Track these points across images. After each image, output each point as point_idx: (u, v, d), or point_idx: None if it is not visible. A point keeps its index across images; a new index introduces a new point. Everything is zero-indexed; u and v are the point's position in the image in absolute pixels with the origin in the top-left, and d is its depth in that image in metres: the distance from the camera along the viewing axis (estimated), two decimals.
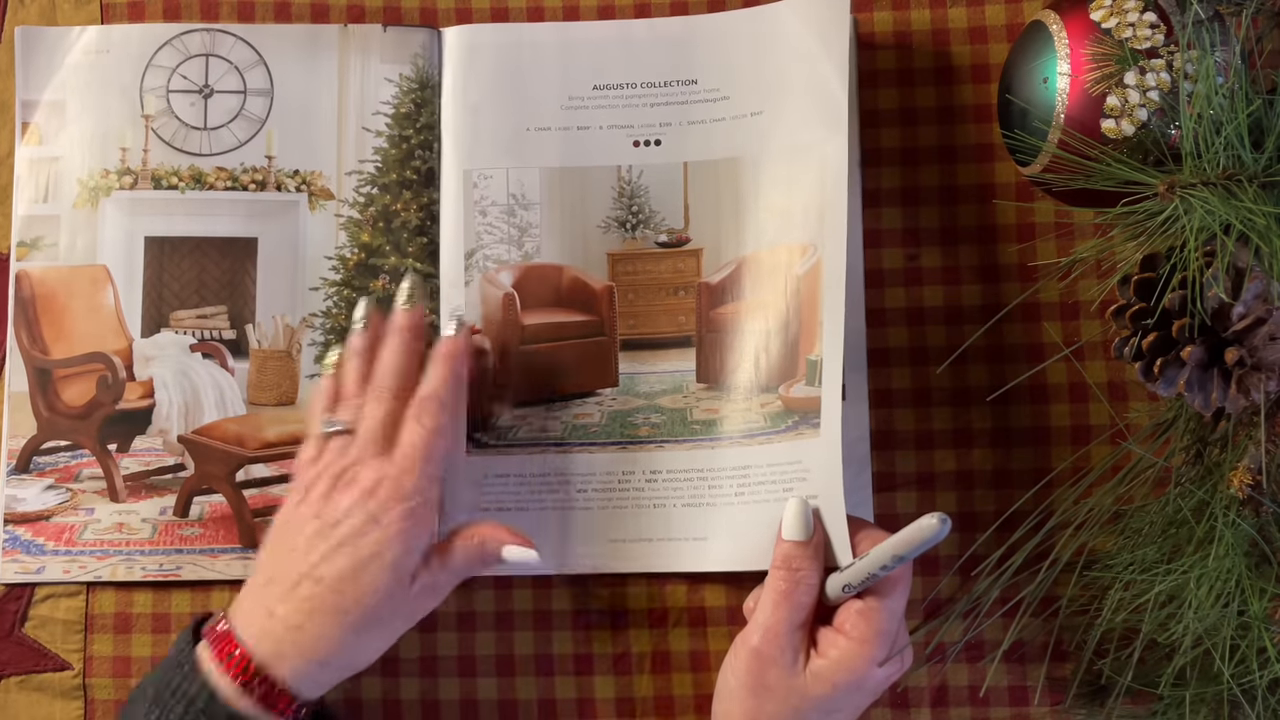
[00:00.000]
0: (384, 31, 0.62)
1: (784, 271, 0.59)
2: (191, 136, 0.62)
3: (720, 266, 0.61)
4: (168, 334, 0.61)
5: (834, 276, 0.56)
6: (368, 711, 0.59)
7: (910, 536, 0.50)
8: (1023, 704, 0.58)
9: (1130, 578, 0.52)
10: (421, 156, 0.62)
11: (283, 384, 0.61)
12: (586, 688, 0.59)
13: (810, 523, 0.53)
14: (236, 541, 0.59)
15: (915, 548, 0.50)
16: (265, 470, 0.60)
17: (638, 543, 0.59)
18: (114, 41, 0.61)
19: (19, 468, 0.60)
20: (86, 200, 0.61)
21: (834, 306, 0.55)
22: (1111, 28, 0.51)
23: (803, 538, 0.53)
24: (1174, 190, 0.47)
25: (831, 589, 0.53)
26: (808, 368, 0.57)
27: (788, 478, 0.56)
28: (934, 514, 0.49)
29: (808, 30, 0.59)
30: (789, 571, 0.53)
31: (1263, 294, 0.47)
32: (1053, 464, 0.59)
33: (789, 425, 0.57)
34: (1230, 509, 0.49)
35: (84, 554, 0.59)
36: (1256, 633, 0.49)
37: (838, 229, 0.56)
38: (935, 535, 0.49)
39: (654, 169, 0.61)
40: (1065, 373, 0.59)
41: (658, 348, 0.61)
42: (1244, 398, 0.48)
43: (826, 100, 0.57)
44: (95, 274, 0.61)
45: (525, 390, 0.61)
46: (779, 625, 0.52)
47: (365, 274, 0.61)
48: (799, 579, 0.52)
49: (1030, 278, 0.60)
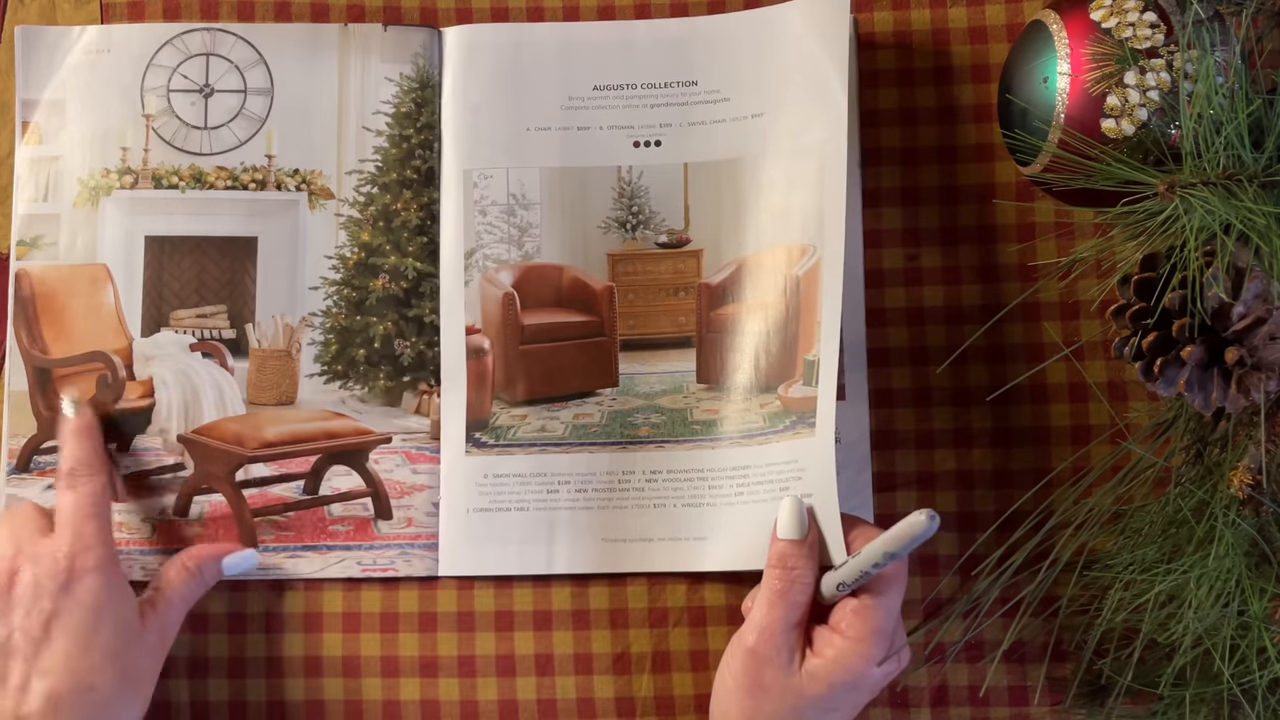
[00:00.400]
0: (384, 31, 0.62)
1: (783, 272, 0.59)
2: (192, 136, 0.62)
3: (720, 267, 0.61)
4: (168, 333, 0.61)
5: (833, 277, 0.56)
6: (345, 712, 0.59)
7: (901, 533, 0.50)
8: (1023, 704, 0.58)
9: (1130, 578, 0.52)
10: (421, 156, 0.62)
11: (282, 383, 0.61)
12: (586, 688, 0.59)
13: (805, 521, 0.53)
14: (236, 541, 0.59)
15: (906, 544, 0.50)
16: (265, 470, 0.60)
17: (638, 543, 0.59)
18: (114, 41, 0.61)
19: (19, 467, 0.60)
20: (87, 199, 0.61)
21: (832, 307, 0.55)
22: (1111, 27, 0.51)
23: (797, 536, 0.53)
24: (1174, 190, 0.47)
25: (826, 588, 0.53)
26: (805, 368, 0.57)
27: (784, 477, 0.56)
28: (923, 510, 0.49)
29: (808, 31, 0.59)
30: (784, 570, 0.53)
31: (1263, 294, 0.47)
32: (1053, 464, 0.59)
33: (786, 425, 0.57)
34: (1230, 509, 0.49)
35: None
36: (1256, 633, 0.49)
37: (837, 230, 0.56)
38: (925, 532, 0.49)
39: (654, 169, 0.61)
40: (1065, 373, 0.59)
41: (658, 348, 0.61)
42: (1244, 398, 0.48)
43: (826, 101, 0.58)
44: (95, 273, 0.61)
45: (525, 390, 0.61)
46: (775, 624, 0.52)
47: (365, 273, 0.61)
48: (794, 578, 0.52)
49: (1030, 278, 0.60)
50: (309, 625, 0.59)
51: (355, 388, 0.61)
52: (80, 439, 0.56)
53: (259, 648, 0.59)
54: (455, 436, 0.60)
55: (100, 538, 0.53)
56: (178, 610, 0.55)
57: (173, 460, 0.60)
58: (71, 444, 0.56)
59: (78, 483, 0.54)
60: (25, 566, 0.52)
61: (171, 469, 0.60)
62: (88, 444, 0.56)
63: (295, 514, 0.60)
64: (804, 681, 0.51)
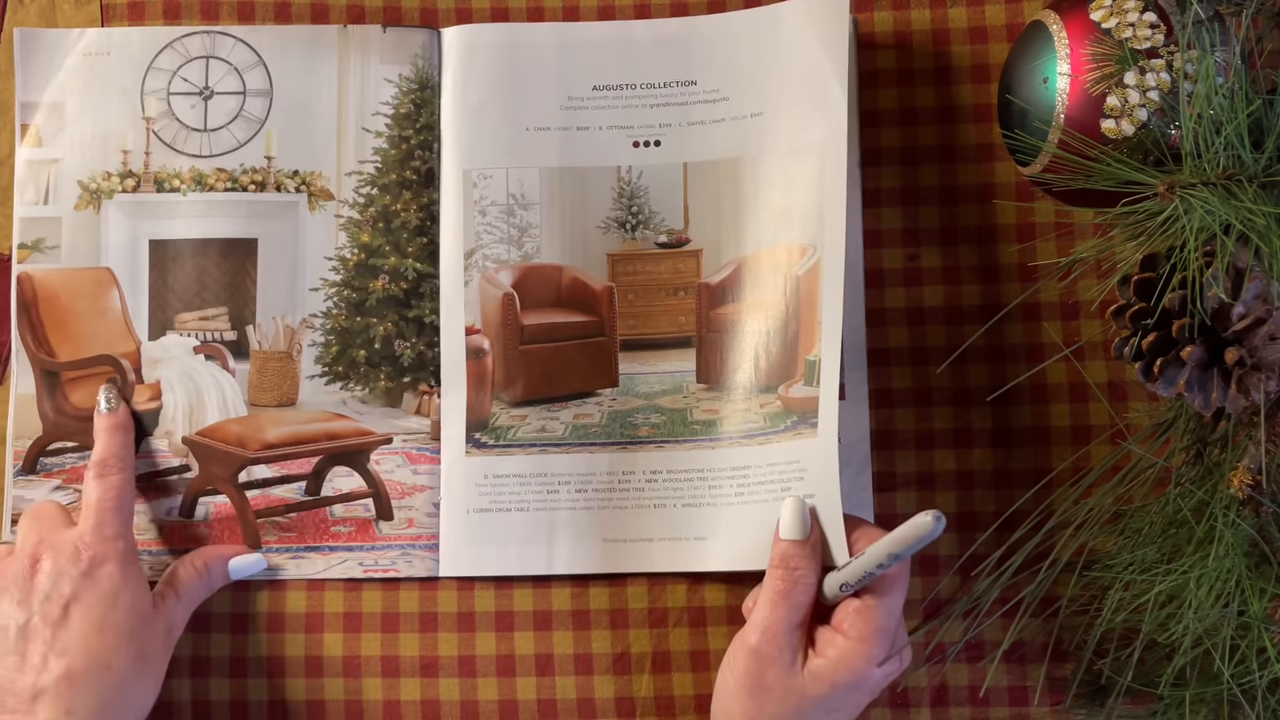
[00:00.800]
0: (384, 32, 0.62)
1: (783, 272, 0.59)
2: (192, 139, 0.62)
3: (720, 267, 0.61)
4: (173, 336, 0.61)
5: (833, 277, 0.56)
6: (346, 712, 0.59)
7: (905, 535, 0.50)
8: (1023, 704, 0.58)
9: (1130, 578, 0.52)
10: (421, 157, 0.62)
11: (283, 385, 0.61)
12: (586, 688, 0.59)
13: (807, 522, 0.54)
14: (240, 542, 0.59)
15: (910, 545, 0.50)
16: (267, 471, 0.60)
17: (638, 543, 0.59)
18: (114, 44, 0.62)
19: (25, 469, 0.60)
20: (88, 202, 0.61)
21: (832, 307, 0.55)
22: (1111, 28, 0.51)
23: (800, 537, 0.53)
24: (1174, 190, 0.47)
25: (829, 588, 0.53)
26: (806, 368, 0.57)
27: (785, 477, 0.56)
28: (929, 512, 0.49)
29: (807, 31, 0.59)
30: (786, 571, 0.53)
31: (1263, 294, 0.47)
32: (1053, 464, 0.59)
33: (788, 425, 0.57)
34: (1230, 509, 0.49)
35: None
36: (1256, 633, 0.49)
37: (837, 229, 0.56)
38: (930, 533, 0.49)
39: (654, 169, 0.61)
40: (1065, 373, 0.59)
41: (658, 348, 0.61)
42: (1244, 398, 0.48)
43: (826, 101, 0.57)
44: (99, 276, 0.61)
45: (525, 390, 0.61)
46: (777, 625, 0.52)
47: (365, 274, 0.61)
48: (796, 578, 0.53)
49: (1030, 278, 0.60)
50: (310, 625, 0.59)
51: (356, 389, 0.61)
52: (115, 434, 0.58)
53: (260, 647, 0.59)
54: (455, 437, 0.60)
55: (122, 530, 0.55)
56: (185, 607, 0.57)
57: (179, 462, 0.61)
58: (105, 438, 0.57)
59: (108, 473, 0.56)
60: (47, 555, 0.54)
61: (177, 470, 0.61)
62: (120, 439, 0.58)
63: (297, 515, 0.60)
64: (806, 682, 0.51)
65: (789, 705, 0.52)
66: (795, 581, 0.53)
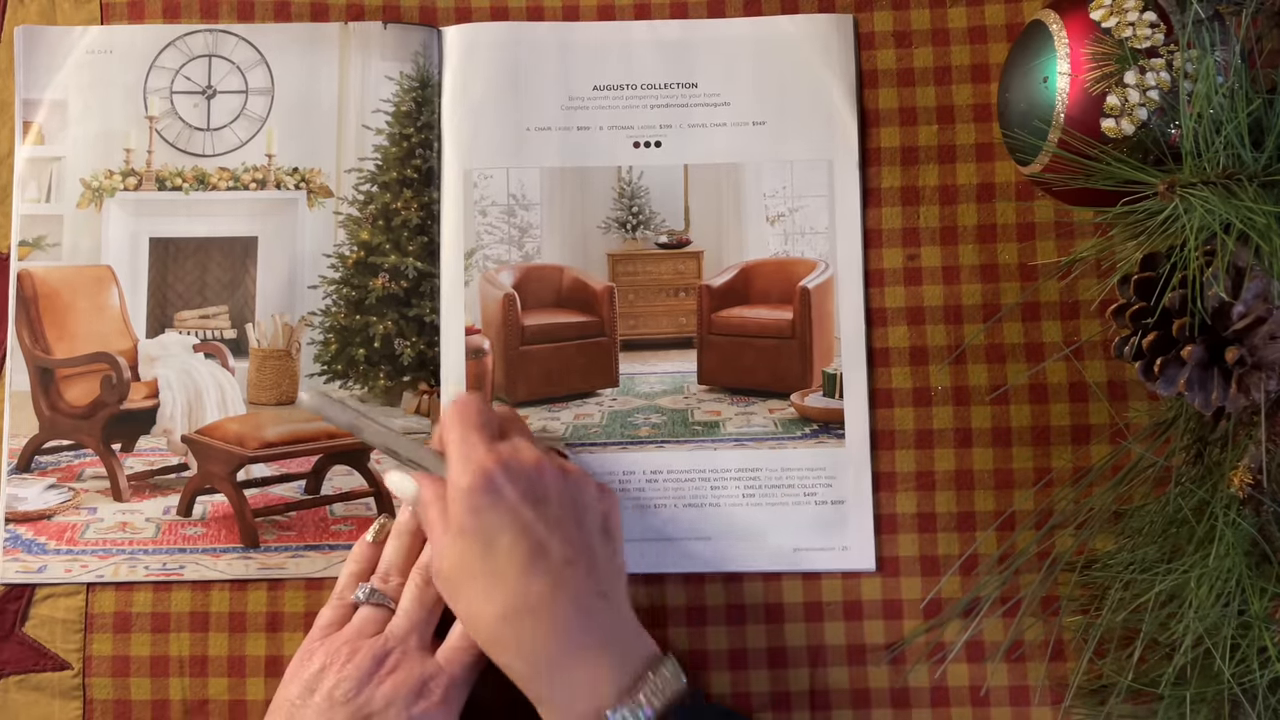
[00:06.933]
0: (384, 29, 0.62)
1: (791, 282, 0.60)
2: (195, 138, 0.62)
3: (722, 270, 0.61)
4: (172, 334, 0.61)
5: (851, 294, 0.58)
6: None
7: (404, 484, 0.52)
8: (1023, 704, 0.58)
9: (1130, 578, 0.52)
10: (422, 155, 0.62)
11: (282, 383, 0.61)
12: None
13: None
14: (238, 541, 0.59)
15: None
16: (266, 470, 0.60)
17: (638, 543, 0.59)
18: (117, 42, 0.62)
19: (20, 467, 0.60)
20: (90, 200, 0.61)
21: (852, 322, 0.58)
22: (1111, 27, 0.51)
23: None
24: (1174, 190, 0.47)
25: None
26: (825, 380, 0.59)
27: (809, 483, 0.58)
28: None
29: (813, 51, 0.60)
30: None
31: (1263, 293, 0.47)
32: (1053, 464, 0.59)
33: (808, 433, 0.59)
34: (1230, 508, 0.49)
35: (86, 553, 0.59)
36: (1257, 632, 0.48)
37: (852, 247, 0.57)
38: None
39: (654, 170, 0.61)
40: (1065, 372, 0.59)
41: (658, 348, 0.61)
42: (1244, 397, 0.48)
43: (834, 124, 0.59)
44: (100, 274, 0.61)
45: (525, 390, 0.61)
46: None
47: (365, 272, 0.61)
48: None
49: (1030, 278, 0.60)
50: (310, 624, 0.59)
51: (355, 387, 0.61)
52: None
53: (259, 646, 0.59)
54: None
55: (468, 675, 0.52)
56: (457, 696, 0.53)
57: (177, 460, 0.60)
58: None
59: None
60: (384, 676, 0.51)
61: (176, 469, 0.60)
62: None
63: (297, 514, 0.60)
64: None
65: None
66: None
